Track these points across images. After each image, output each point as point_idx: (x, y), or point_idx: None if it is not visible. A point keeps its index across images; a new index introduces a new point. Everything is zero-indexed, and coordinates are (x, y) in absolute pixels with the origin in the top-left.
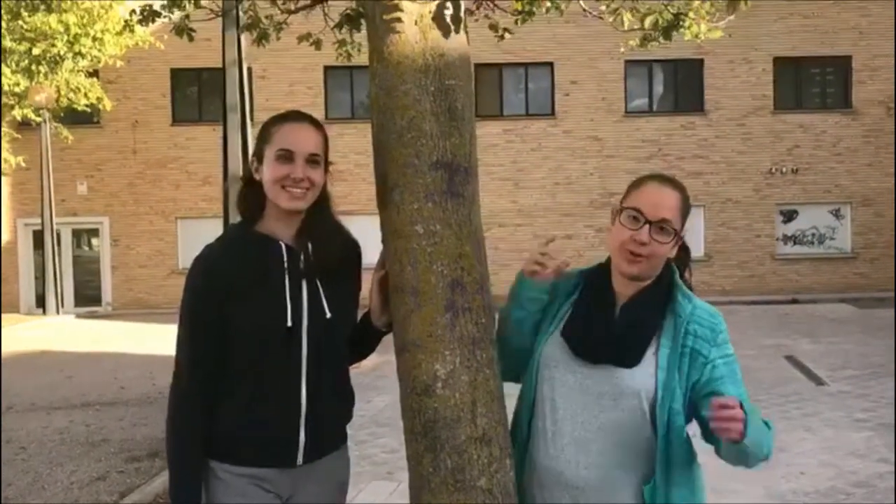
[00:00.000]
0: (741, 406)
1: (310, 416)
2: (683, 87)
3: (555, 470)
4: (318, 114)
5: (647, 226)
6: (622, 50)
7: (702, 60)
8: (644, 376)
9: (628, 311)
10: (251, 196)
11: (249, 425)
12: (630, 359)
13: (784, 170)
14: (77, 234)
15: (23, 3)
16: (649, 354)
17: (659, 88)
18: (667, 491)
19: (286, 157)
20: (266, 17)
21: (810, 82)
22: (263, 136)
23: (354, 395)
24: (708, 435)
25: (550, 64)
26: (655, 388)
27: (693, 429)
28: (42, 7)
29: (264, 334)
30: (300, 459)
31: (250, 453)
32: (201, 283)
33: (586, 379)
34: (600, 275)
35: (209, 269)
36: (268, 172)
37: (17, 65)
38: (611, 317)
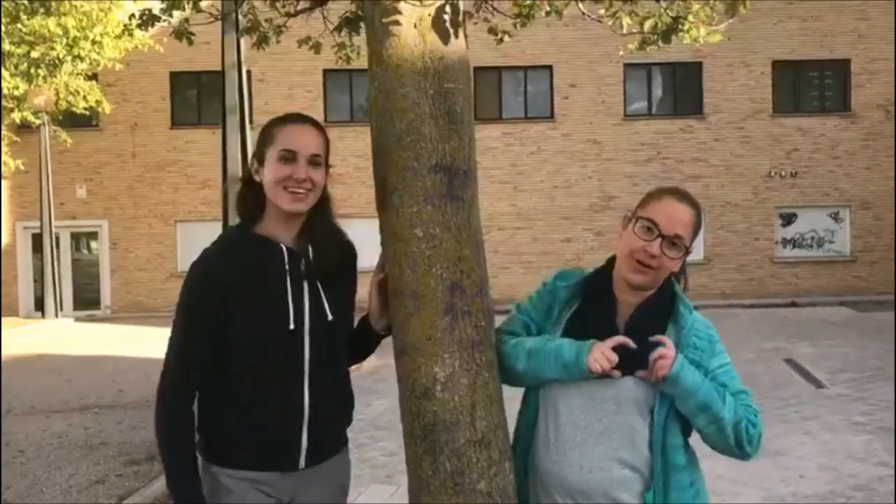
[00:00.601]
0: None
1: (311, 420)
2: (682, 90)
3: (558, 475)
4: (317, 117)
5: (659, 239)
6: (621, 53)
7: (700, 64)
8: (646, 383)
9: (635, 321)
10: (251, 198)
11: (250, 429)
12: (634, 367)
13: (783, 173)
14: (76, 238)
15: (22, 6)
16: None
17: (658, 92)
18: (665, 495)
19: (289, 157)
20: (266, 21)
21: (809, 86)
22: (265, 138)
23: (354, 398)
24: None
25: (549, 67)
26: (655, 395)
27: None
28: (41, 10)
29: (265, 338)
30: (302, 463)
31: (252, 457)
32: (199, 286)
33: (588, 385)
34: (601, 280)
35: (208, 272)
36: (270, 173)
37: (17, 68)
38: (612, 324)
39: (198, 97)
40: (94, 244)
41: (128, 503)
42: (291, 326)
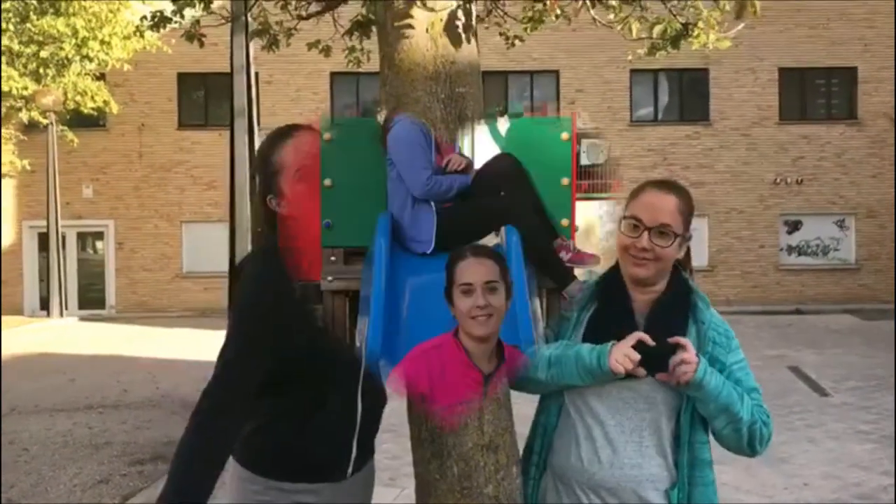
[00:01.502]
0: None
1: (361, 427)
2: (688, 96)
3: (585, 471)
4: None
5: (646, 232)
6: (629, 58)
7: (707, 70)
8: (668, 383)
9: (654, 317)
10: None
11: (310, 442)
12: (657, 367)
13: (788, 180)
14: (82, 237)
15: (31, 6)
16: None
17: (664, 98)
18: (689, 491)
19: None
20: (276, 24)
21: (815, 93)
22: (269, 169)
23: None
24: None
25: (556, 72)
26: (682, 393)
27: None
28: (50, 10)
29: (335, 354)
30: (349, 471)
31: (305, 469)
32: (262, 309)
33: (613, 386)
34: (614, 281)
35: (270, 294)
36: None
37: (25, 67)
38: (631, 322)
39: (205, 98)
40: (99, 244)
41: (132, 503)
42: (358, 344)
